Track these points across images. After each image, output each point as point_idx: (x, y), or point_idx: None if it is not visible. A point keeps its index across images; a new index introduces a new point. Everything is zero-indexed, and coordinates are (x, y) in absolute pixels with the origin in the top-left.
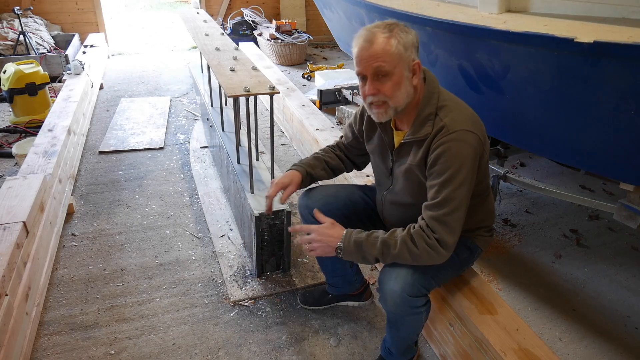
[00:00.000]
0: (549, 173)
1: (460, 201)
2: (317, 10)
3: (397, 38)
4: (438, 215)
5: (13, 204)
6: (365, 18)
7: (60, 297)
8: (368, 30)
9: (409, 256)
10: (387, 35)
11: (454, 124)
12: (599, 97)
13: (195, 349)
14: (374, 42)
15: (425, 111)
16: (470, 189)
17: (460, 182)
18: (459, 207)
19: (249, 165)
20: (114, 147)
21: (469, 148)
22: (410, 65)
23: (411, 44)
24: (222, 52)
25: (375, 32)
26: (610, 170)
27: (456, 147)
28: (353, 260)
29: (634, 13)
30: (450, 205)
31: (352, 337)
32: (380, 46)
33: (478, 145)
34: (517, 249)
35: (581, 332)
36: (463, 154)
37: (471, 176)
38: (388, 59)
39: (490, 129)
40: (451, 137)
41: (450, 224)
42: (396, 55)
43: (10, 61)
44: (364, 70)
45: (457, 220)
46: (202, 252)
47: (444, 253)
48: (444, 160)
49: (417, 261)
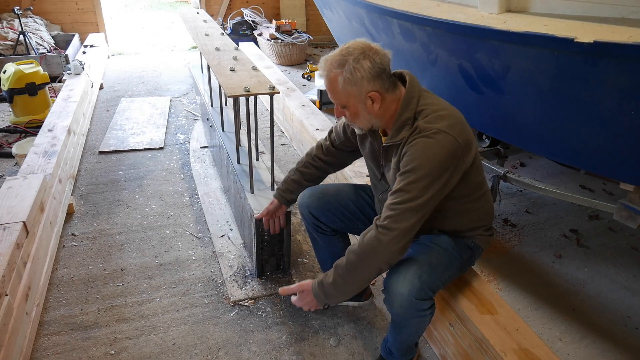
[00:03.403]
0: (549, 173)
1: (417, 194)
2: (317, 10)
3: (347, 74)
4: (389, 202)
5: (13, 204)
6: (365, 18)
7: (60, 297)
8: (325, 61)
9: (354, 258)
10: (337, 71)
11: (427, 125)
12: (598, 97)
13: (195, 349)
14: (326, 77)
15: (404, 116)
16: (438, 189)
17: (422, 175)
18: (415, 199)
19: (249, 165)
20: (114, 147)
21: (439, 147)
22: (363, 98)
23: (362, 78)
24: (222, 52)
25: (327, 67)
26: (610, 170)
27: (423, 143)
28: (344, 297)
29: (634, 13)
30: (405, 195)
31: (352, 337)
32: (330, 84)
33: (452, 147)
34: (517, 249)
35: (581, 332)
36: (430, 149)
37: (438, 175)
38: (337, 95)
39: (490, 129)
40: (421, 136)
41: (401, 213)
42: (344, 93)
43: (10, 61)
44: (330, 97)
45: (409, 211)
46: (202, 252)
47: (384, 240)
48: (409, 154)
49: (362, 260)
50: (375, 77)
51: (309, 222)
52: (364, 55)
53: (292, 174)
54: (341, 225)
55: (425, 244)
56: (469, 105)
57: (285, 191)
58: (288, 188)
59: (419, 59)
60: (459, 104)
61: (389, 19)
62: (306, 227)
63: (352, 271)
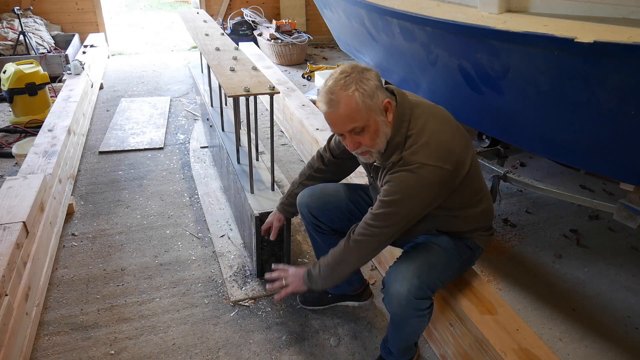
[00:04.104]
0: (549, 173)
1: (389, 223)
2: (317, 10)
3: (360, 91)
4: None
5: (13, 204)
6: (365, 18)
7: (60, 297)
8: (329, 91)
9: (331, 260)
10: (348, 92)
11: (411, 158)
12: (598, 97)
13: (195, 349)
14: (339, 104)
15: (395, 140)
16: (412, 217)
17: (397, 210)
18: (387, 226)
19: (249, 165)
20: (114, 147)
21: (420, 182)
22: (381, 109)
23: (374, 89)
24: (222, 52)
25: (336, 93)
26: (610, 170)
27: (404, 177)
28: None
29: (634, 13)
30: (379, 222)
31: (352, 337)
32: (346, 108)
33: (436, 177)
34: (517, 249)
35: (581, 332)
36: (410, 185)
37: (414, 208)
38: (358, 117)
39: (490, 129)
40: (404, 170)
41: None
42: (365, 110)
43: (10, 61)
44: (339, 130)
45: (380, 235)
46: (202, 252)
47: (353, 251)
48: (390, 185)
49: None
50: (381, 85)
51: (308, 222)
52: (361, 68)
53: (295, 187)
54: (341, 224)
55: (424, 244)
56: (469, 105)
57: (290, 205)
58: (292, 202)
59: (419, 59)
60: (459, 104)
61: (389, 19)
62: (306, 227)
63: (330, 270)
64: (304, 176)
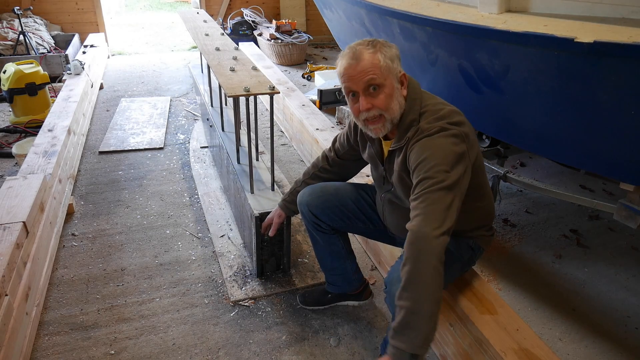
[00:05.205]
0: (549, 173)
1: (442, 177)
2: (317, 10)
3: (383, 52)
4: (414, 197)
5: (13, 204)
6: (365, 18)
7: (60, 297)
8: (353, 48)
9: (406, 274)
10: (372, 51)
11: (429, 126)
12: (599, 97)
13: (195, 349)
14: (361, 58)
15: (409, 117)
16: (462, 172)
17: (439, 161)
18: (442, 181)
19: (249, 165)
20: (114, 147)
21: (444, 140)
22: (398, 77)
23: (396, 57)
24: (222, 52)
25: (360, 50)
26: (610, 170)
27: (427, 141)
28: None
29: (634, 13)
30: (430, 181)
31: (352, 337)
32: (368, 61)
33: (457, 137)
34: (517, 249)
35: (581, 332)
36: (436, 144)
37: (454, 160)
38: (378, 72)
39: (490, 129)
40: (424, 136)
41: (430, 194)
42: (385, 68)
43: (10, 61)
44: (355, 86)
45: (440, 191)
46: (202, 252)
47: (422, 228)
48: (416, 151)
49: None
50: (400, 61)
51: (308, 221)
52: (384, 40)
53: (298, 185)
54: (341, 224)
55: None
56: (469, 105)
57: (292, 202)
58: (294, 200)
59: (419, 59)
60: (459, 104)
61: (389, 19)
62: (306, 226)
63: (412, 288)
64: (308, 175)
